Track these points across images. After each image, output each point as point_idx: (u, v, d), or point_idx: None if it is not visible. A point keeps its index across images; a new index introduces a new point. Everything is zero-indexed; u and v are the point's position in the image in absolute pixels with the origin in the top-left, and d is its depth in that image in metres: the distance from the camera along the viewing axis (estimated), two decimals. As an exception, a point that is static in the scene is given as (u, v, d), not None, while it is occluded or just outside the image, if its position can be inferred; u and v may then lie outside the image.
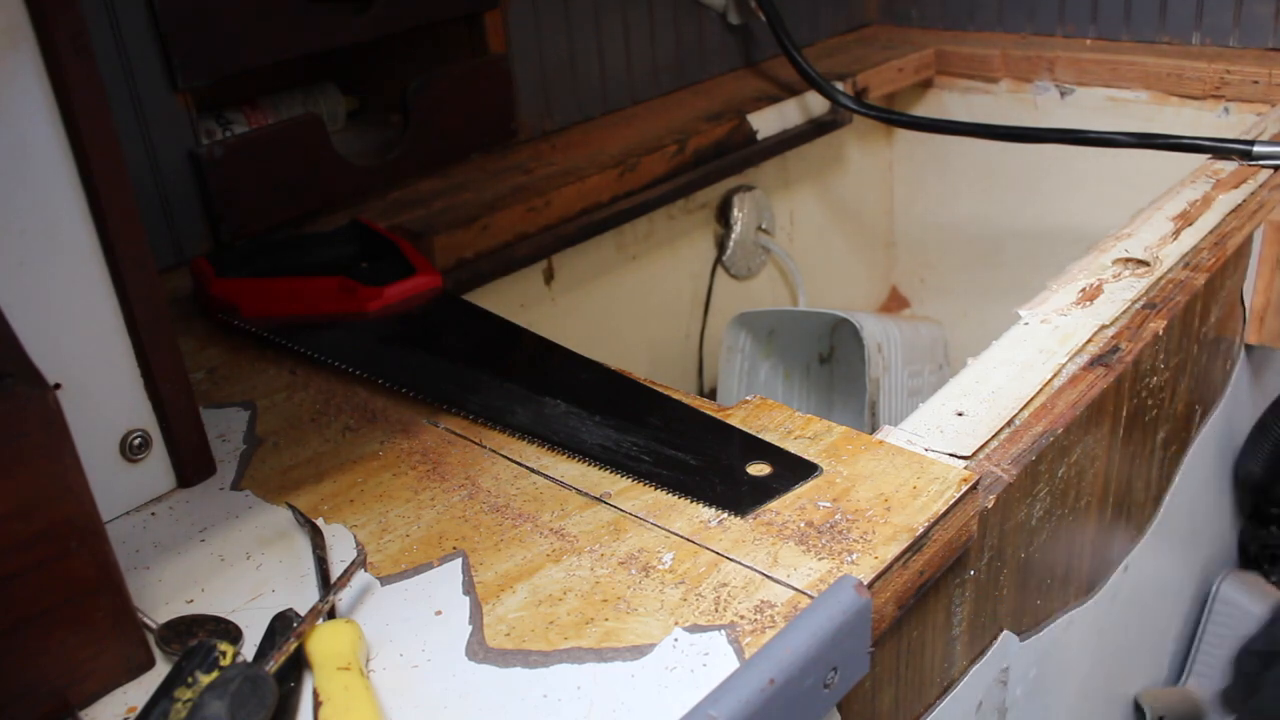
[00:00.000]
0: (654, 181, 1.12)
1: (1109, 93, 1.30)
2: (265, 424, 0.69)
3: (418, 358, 0.73)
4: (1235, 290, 0.92)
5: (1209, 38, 1.27)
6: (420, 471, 0.63)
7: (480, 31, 1.08)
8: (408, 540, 0.57)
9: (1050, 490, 0.69)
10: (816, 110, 1.29)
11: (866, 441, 0.62)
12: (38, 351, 0.49)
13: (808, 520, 0.55)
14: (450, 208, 0.99)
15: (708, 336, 1.38)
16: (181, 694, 0.46)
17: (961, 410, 0.68)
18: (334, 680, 0.47)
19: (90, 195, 0.55)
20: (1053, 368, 0.72)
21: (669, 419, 0.66)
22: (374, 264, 0.83)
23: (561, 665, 0.48)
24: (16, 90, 0.52)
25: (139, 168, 0.87)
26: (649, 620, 0.50)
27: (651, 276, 1.29)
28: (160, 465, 0.62)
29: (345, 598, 0.53)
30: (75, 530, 0.46)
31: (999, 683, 0.72)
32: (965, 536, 0.59)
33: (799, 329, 1.38)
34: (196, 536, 0.59)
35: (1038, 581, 0.73)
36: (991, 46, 1.40)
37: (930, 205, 1.56)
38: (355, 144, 1.06)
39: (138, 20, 0.85)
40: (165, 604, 0.54)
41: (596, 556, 0.55)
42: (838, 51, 1.43)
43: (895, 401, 1.26)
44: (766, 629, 0.49)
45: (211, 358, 0.77)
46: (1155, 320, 0.77)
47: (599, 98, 1.22)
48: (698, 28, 1.31)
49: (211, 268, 0.81)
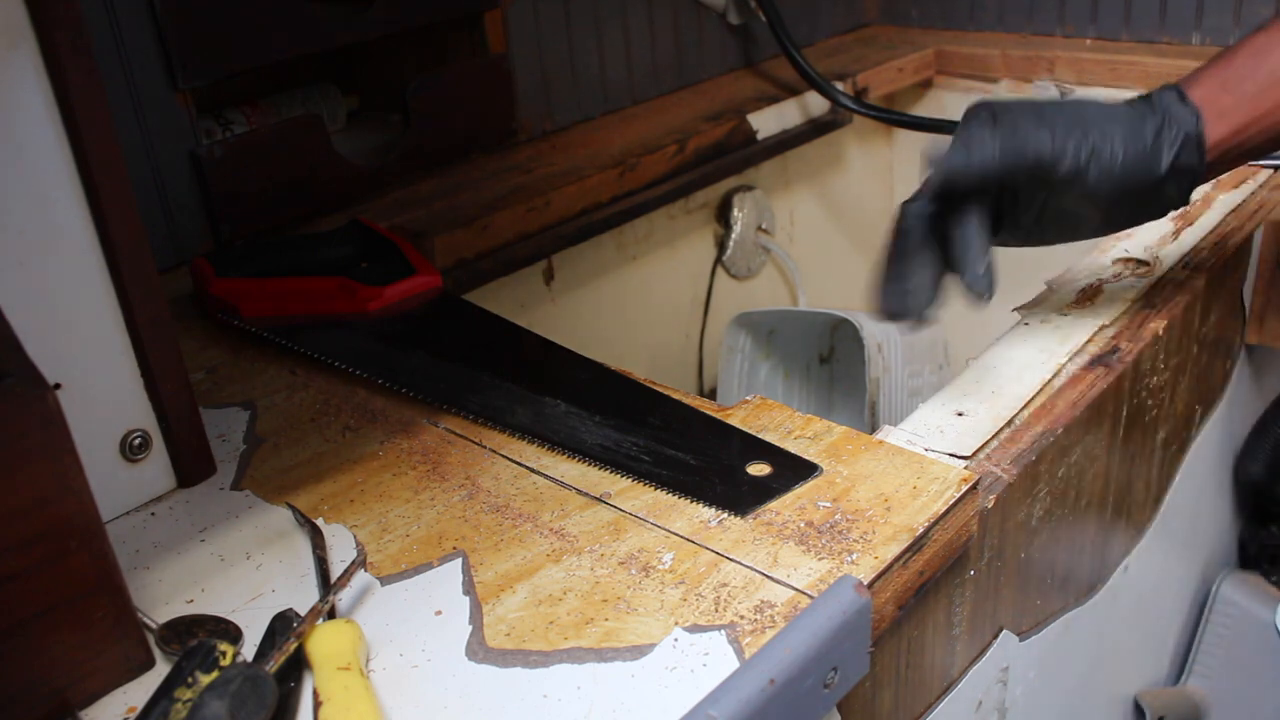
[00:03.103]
0: (654, 181, 1.12)
1: (1109, 93, 1.29)
2: (265, 424, 0.69)
3: (418, 358, 0.73)
4: (1235, 290, 0.92)
5: (1209, 38, 1.27)
6: (420, 471, 0.63)
7: (480, 31, 1.08)
8: (408, 540, 0.57)
9: (1050, 490, 0.69)
10: (816, 110, 1.29)
11: (866, 441, 0.62)
12: (38, 351, 0.49)
13: (808, 520, 0.55)
14: (450, 208, 0.99)
15: (708, 336, 1.38)
16: (181, 694, 0.46)
17: (961, 410, 0.68)
18: (334, 680, 0.47)
19: (90, 195, 0.55)
20: (1053, 368, 0.72)
21: (669, 419, 0.66)
22: (374, 264, 0.83)
23: (561, 665, 0.48)
24: (16, 90, 0.52)
25: (139, 168, 0.87)
26: (649, 620, 0.50)
27: (651, 276, 1.29)
28: (160, 465, 0.62)
29: (345, 598, 0.53)
30: (75, 530, 0.46)
31: (999, 682, 0.72)
32: (965, 536, 0.59)
33: (799, 329, 1.38)
34: (196, 536, 0.59)
35: (1038, 581, 0.73)
36: (991, 46, 1.40)
37: (930, 205, 1.55)
38: (355, 144, 1.06)
39: (138, 20, 0.85)
40: (165, 604, 0.54)
41: (596, 556, 0.55)
42: (838, 51, 1.43)
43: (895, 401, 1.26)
44: (766, 629, 0.49)
45: (211, 358, 0.77)
46: (1155, 320, 0.77)
47: (599, 98, 1.22)
48: (698, 28, 1.31)
49: (211, 268, 0.81)
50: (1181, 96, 0.67)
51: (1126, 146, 0.66)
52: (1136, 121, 0.67)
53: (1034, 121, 0.66)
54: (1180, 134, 0.66)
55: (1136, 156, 0.66)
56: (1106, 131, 0.66)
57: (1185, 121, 0.66)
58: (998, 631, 0.70)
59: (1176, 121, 0.66)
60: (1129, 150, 0.66)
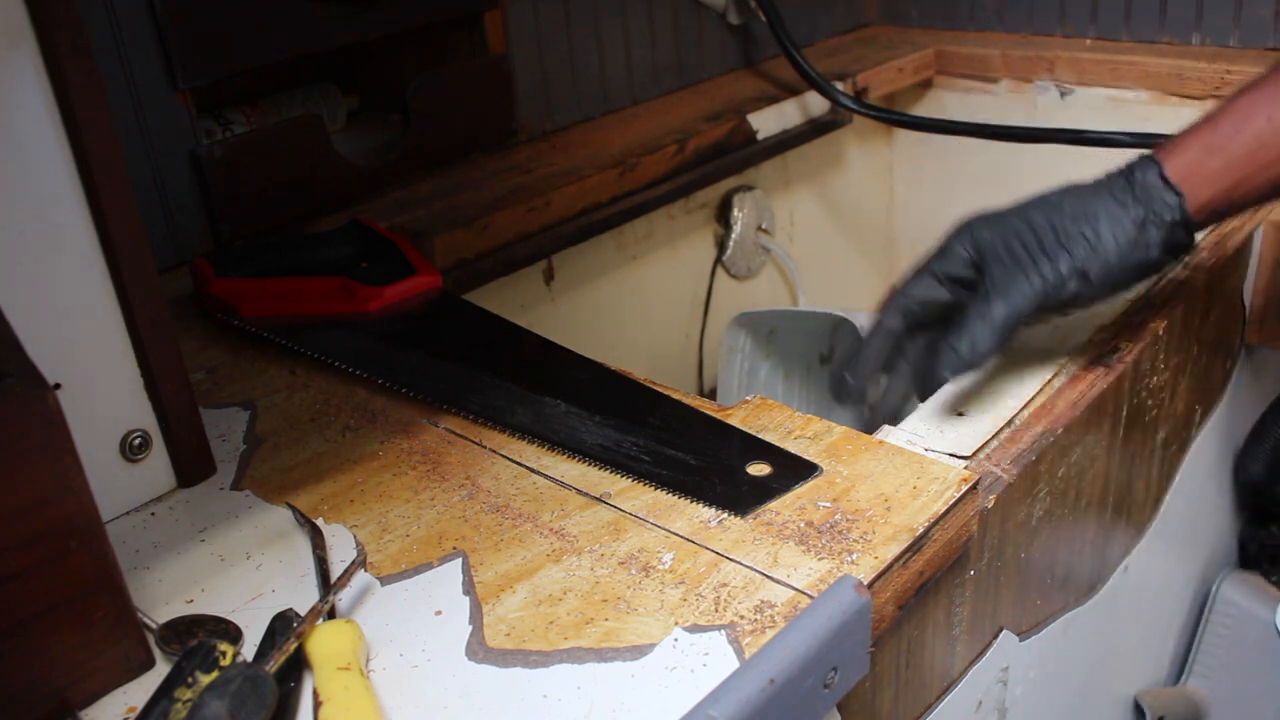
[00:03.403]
0: (654, 181, 1.12)
1: (1109, 93, 1.29)
2: (265, 424, 0.69)
3: (418, 358, 0.73)
4: (1235, 290, 0.92)
5: (1209, 38, 1.27)
6: (420, 471, 0.63)
7: (480, 31, 1.08)
8: (408, 540, 0.57)
9: (1050, 490, 0.69)
10: (816, 110, 1.29)
11: (866, 441, 0.62)
12: (38, 351, 0.49)
13: (808, 520, 0.55)
14: (450, 208, 0.99)
15: (708, 336, 1.38)
16: (181, 694, 0.46)
17: (961, 410, 0.68)
18: (334, 680, 0.47)
19: (90, 195, 0.55)
20: (1053, 368, 0.72)
21: (669, 419, 0.66)
22: (374, 264, 0.83)
23: (561, 665, 0.48)
24: (16, 90, 0.52)
25: (139, 168, 0.87)
26: (649, 620, 0.50)
27: (651, 276, 1.29)
28: (160, 465, 0.62)
29: (345, 598, 0.53)
30: (75, 530, 0.46)
31: (999, 682, 0.72)
32: (965, 536, 0.59)
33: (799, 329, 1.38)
34: (196, 536, 0.59)
35: (1038, 581, 0.73)
36: (991, 46, 1.39)
37: (930, 205, 1.55)
38: (355, 144, 1.05)
39: (138, 20, 0.85)
40: (165, 604, 0.54)
41: (596, 556, 0.55)
42: (838, 51, 1.43)
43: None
44: (766, 629, 0.49)
45: (211, 358, 0.77)
46: (1155, 320, 0.77)
47: (599, 98, 1.22)
48: (698, 28, 1.30)
49: (211, 268, 0.81)
50: (1163, 177, 0.67)
51: (1115, 245, 0.66)
52: (1119, 210, 0.67)
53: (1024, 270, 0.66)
54: (1167, 220, 0.66)
55: (1128, 246, 0.66)
56: (1096, 241, 0.66)
57: (1169, 209, 0.66)
58: (998, 631, 0.70)
59: (1159, 210, 0.66)
60: (1119, 242, 0.66)
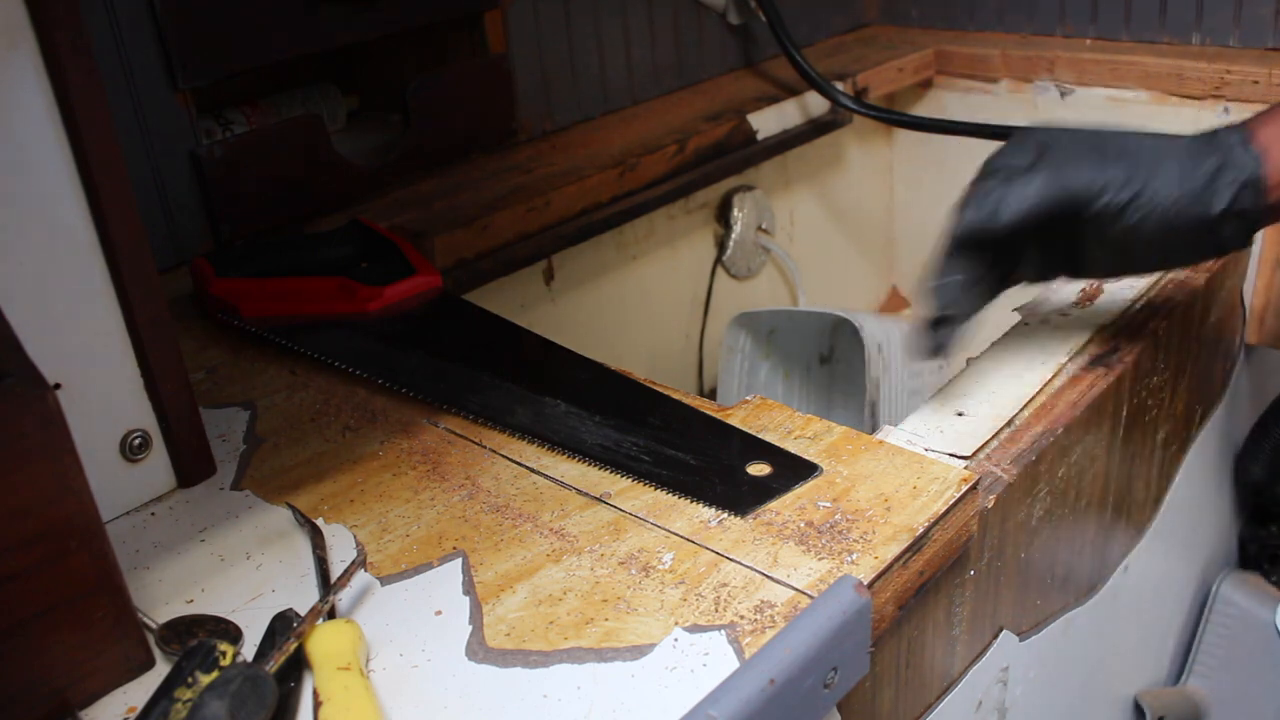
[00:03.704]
0: (654, 181, 1.12)
1: (1109, 93, 1.29)
2: (265, 424, 0.69)
3: (418, 358, 0.73)
4: (1235, 290, 0.92)
5: (1209, 38, 1.27)
6: (420, 471, 0.63)
7: (480, 31, 1.08)
8: (408, 540, 0.57)
9: (1050, 490, 0.69)
10: (816, 110, 1.29)
11: (866, 441, 0.62)
12: (38, 351, 0.49)
13: (808, 520, 0.55)
14: (450, 208, 0.99)
15: (708, 336, 1.38)
16: (181, 694, 0.46)
17: (961, 410, 0.68)
18: (334, 680, 0.47)
19: (90, 195, 0.55)
20: (1053, 368, 0.72)
21: (669, 419, 0.66)
22: (374, 264, 0.83)
23: (561, 665, 0.48)
24: (16, 90, 0.52)
25: (139, 168, 0.87)
26: (649, 620, 0.50)
27: (651, 276, 1.29)
28: (160, 465, 0.62)
29: (345, 598, 0.53)
30: (75, 530, 0.46)
31: (999, 682, 0.72)
32: (965, 536, 0.59)
33: (799, 329, 1.38)
34: (196, 536, 0.59)
35: (1038, 581, 0.73)
36: (991, 46, 1.39)
37: (930, 205, 1.55)
38: (355, 144, 1.06)
39: (138, 20, 0.85)
40: (165, 604, 0.54)
41: (596, 556, 0.55)
42: (838, 51, 1.43)
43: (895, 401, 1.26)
44: (766, 629, 0.49)
45: (211, 358, 0.77)
46: (1155, 320, 0.77)
47: (599, 98, 1.22)
48: (698, 28, 1.30)
49: (211, 268, 0.81)
50: (1245, 140, 0.65)
51: (1177, 184, 0.64)
52: (1192, 159, 0.65)
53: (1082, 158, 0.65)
54: (1239, 177, 0.64)
55: (1188, 195, 0.64)
56: (1157, 168, 0.64)
57: (1246, 166, 0.64)
58: (998, 631, 0.70)
59: (1236, 165, 0.64)
60: (1180, 188, 0.64)
